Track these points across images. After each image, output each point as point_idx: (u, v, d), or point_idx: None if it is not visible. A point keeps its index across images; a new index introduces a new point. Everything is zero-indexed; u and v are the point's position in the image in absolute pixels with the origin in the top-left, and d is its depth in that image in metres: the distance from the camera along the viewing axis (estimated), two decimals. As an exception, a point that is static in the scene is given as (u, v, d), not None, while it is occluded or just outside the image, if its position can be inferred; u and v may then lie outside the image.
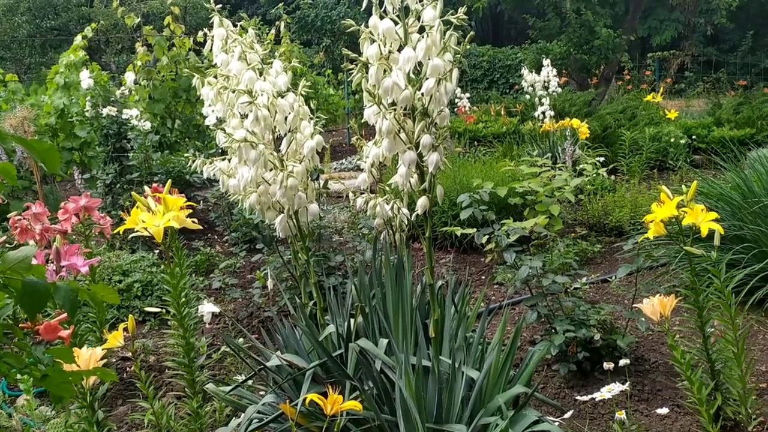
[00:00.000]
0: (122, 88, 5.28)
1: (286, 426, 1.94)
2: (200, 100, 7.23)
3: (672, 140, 7.09)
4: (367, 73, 1.69)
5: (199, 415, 2.35)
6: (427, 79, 1.68)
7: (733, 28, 14.66)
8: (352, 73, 1.75)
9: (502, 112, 8.48)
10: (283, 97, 2.04)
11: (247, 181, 1.94)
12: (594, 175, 5.06)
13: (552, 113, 6.70)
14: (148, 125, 4.69)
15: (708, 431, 2.16)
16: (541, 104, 6.83)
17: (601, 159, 5.88)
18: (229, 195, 2.13)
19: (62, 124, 6.71)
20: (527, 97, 7.69)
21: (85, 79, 5.19)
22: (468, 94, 9.60)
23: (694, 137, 7.80)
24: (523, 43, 14.77)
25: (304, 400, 1.86)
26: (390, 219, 2.18)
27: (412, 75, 1.72)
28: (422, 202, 1.77)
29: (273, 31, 9.41)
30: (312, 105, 2.17)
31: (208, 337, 3.29)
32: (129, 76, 5.74)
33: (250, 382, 2.25)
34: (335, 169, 8.40)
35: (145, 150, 4.56)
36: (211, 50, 2.21)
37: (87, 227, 2.82)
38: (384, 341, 1.93)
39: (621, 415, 1.93)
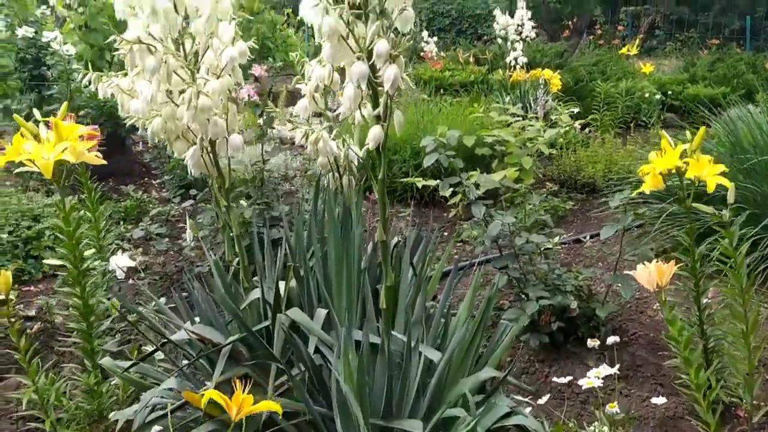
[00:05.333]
0: (42, 7, 4.60)
1: (194, 416, 1.53)
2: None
3: (646, 96, 6.76)
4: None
5: (96, 393, 1.92)
6: (386, -38, 1.23)
7: (706, -13, 14.33)
8: None
9: (471, 60, 8.00)
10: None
11: (147, 99, 1.47)
12: (569, 127, 4.68)
13: (525, 60, 6.27)
14: (72, 50, 4.07)
15: (700, 419, 1.84)
16: (514, 49, 6.38)
17: (576, 111, 5.50)
18: (131, 120, 1.66)
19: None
20: (498, 44, 7.22)
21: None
22: (435, 38, 9.06)
23: (668, 93, 7.49)
24: (493, -11, 14.18)
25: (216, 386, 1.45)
26: (337, 158, 1.74)
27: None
28: (375, 133, 1.33)
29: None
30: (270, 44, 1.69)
31: (129, 295, 2.83)
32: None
33: (158, 357, 1.82)
34: (292, 114, 7.84)
35: (68, 78, 3.96)
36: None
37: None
38: (322, 312, 1.52)
39: (613, 408, 1.57)
